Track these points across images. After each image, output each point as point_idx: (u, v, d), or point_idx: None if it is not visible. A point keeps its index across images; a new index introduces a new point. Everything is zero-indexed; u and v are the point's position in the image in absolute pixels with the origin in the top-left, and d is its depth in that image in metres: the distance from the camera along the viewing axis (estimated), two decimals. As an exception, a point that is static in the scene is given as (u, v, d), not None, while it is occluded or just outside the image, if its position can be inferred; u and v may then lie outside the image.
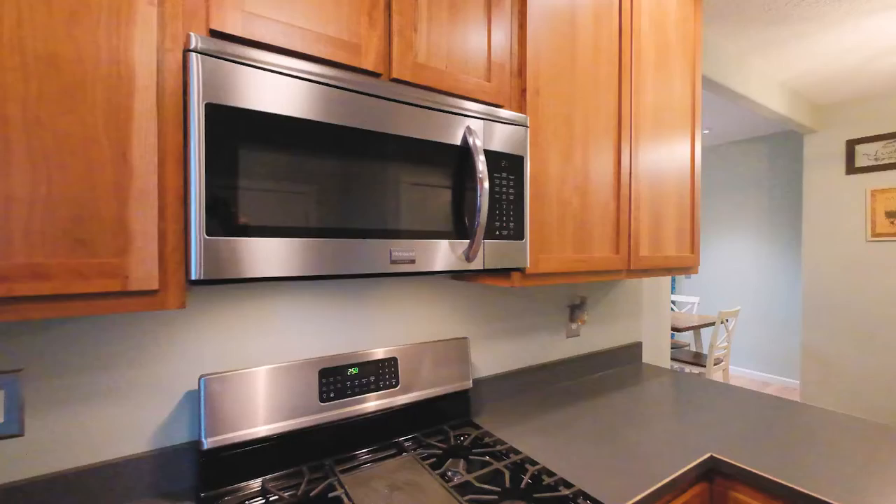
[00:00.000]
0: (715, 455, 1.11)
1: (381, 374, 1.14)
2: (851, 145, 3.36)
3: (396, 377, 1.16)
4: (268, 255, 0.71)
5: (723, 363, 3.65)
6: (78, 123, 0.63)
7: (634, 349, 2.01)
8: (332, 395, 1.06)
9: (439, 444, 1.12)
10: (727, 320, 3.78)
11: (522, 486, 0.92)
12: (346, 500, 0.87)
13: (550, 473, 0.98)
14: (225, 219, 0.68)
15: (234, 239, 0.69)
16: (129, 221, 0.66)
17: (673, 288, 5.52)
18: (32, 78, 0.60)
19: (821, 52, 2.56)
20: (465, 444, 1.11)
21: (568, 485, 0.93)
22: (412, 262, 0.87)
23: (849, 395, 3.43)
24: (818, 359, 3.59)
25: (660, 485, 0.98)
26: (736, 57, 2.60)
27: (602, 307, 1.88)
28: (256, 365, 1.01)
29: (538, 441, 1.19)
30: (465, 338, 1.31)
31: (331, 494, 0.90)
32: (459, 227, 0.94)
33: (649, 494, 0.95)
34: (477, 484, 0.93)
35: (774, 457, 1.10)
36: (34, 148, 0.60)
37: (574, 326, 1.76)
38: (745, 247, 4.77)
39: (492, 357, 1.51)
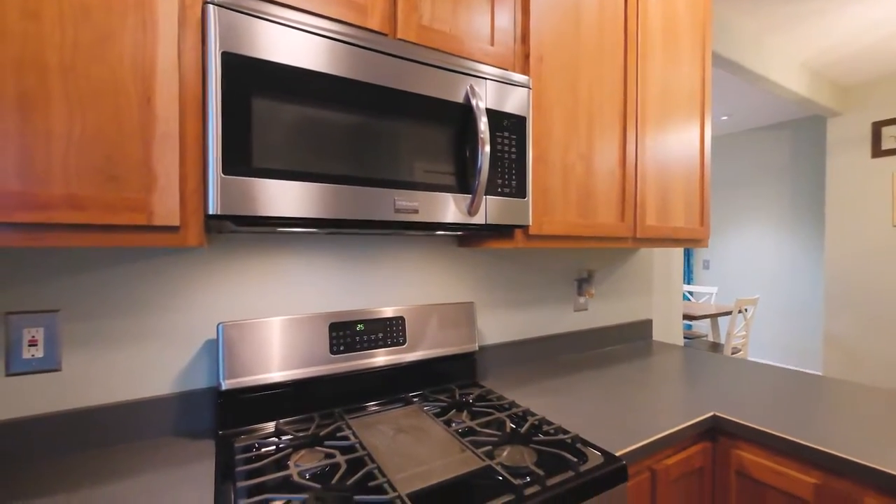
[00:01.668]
0: (717, 414, 1.12)
1: (389, 331, 1.19)
2: (878, 127, 3.25)
3: (404, 335, 1.21)
4: (278, 196, 0.76)
5: (740, 353, 3.58)
6: (108, 71, 0.69)
7: (644, 326, 2.01)
8: (341, 348, 1.11)
9: (445, 399, 1.16)
10: (745, 309, 3.70)
11: (522, 431, 0.95)
12: (352, 438, 0.92)
13: (550, 423, 1.01)
14: (240, 160, 0.73)
15: (249, 179, 0.74)
16: (153, 162, 0.72)
17: (690, 279, 5.42)
18: (68, 27, 0.66)
19: (843, 28, 2.49)
20: (469, 399, 1.15)
21: (566, 432, 0.96)
22: (415, 212, 0.91)
23: (873, 384, 3.32)
24: (841, 348, 3.49)
25: (658, 436, 1.00)
26: (753, 35, 2.55)
27: (611, 282, 1.89)
28: (270, 316, 1.07)
29: (541, 400, 1.22)
30: (471, 302, 1.35)
31: (339, 434, 0.95)
32: (462, 183, 0.98)
33: (647, 444, 0.97)
34: (479, 429, 0.96)
35: (779, 418, 1.10)
36: (70, 92, 0.67)
37: (582, 300, 1.77)
38: (765, 236, 4.65)
39: (498, 326, 1.54)
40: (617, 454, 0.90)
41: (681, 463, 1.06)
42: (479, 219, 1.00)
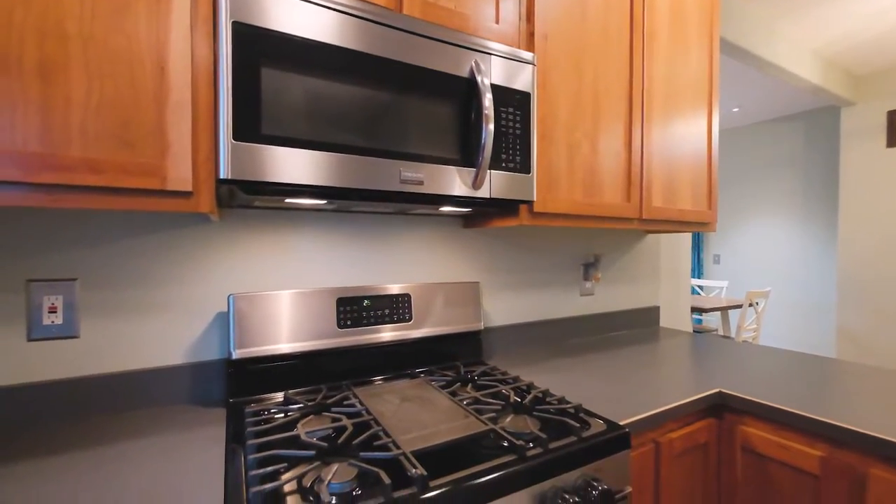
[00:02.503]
0: (723, 390, 1.12)
1: (395, 308, 1.20)
2: (893, 116, 3.19)
3: (410, 312, 1.22)
4: (286, 163, 0.79)
5: (751, 346, 3.54)
6: (124, 40, 0.72)
7: (651, 313, 2.01)
8: (349, 322, 1.13)
9: (450, 374, 1.17)
10: (756, 302, 3.66)
11: (526, 401, 0.96)
12: (359, 405, 0.94)
13: (553, 395, 1.02)
14: (250, 127, 0.75)
15: (258, 146, 0.76)
16: (167, 129, 0.75)
17: (700, 273, 5.36)
18: (87, -3, 0.69)
19: (855, 15, 2.45)
20: (474, 374, 1.16)
21: (569, 402, 0.97)
22: (420, 183, 0.93)
23: (889, 379, 3.26)
24: (855, 342, 3.43)
25: (663, 409, 1.00)
26: (764, 21, 2.52)
27: (618, 268, 1.89)
28: (279, 290, 1.09)
29: (546, 377, 1.23)
30: (476, 282, 1.36)
31: (345, 402, 0.97)
32: (466, 156, 0.99)
33: (651, 416, 0.97)
34: (483, 399, 0.98)
35: (785, 394, 1.10)
36: (89, 60, 0.69)
37: (588, 285, 1.77)
38: (777, 230, 4.59)
39: (503, 308, 1.55)
40: (620, 423, 0.91)
41: (685, 437, 1.06)
42: (483, 192, 1.02)
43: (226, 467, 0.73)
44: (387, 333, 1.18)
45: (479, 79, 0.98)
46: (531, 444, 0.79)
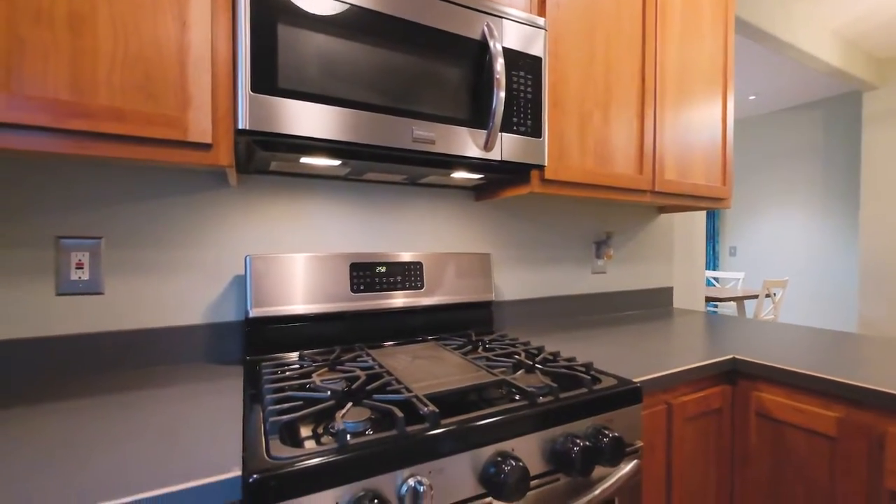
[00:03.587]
0: (737, 357, 1.11)
1: (407, 275, 1.22)
2: (917, 100, 3.10)
3: (422, 280, 1.24)
4: (301, 116, 0.81)
5: (768, 336, 3.48)
6: (148, -4, 0.74)
7: (665, 293, 1.99)
8: (361, 287, 1.15)
9: (461, 340, 1.19)
10: (774, 292, 3.59)
11: (537, 360, 0.97)
12: (371, 361, 0.96)
13: (560, 355, 1.02)
14: (267, 81, 0.78)
15: (275, 98, 0.78)
16: (188, 82, 0.77)
17: (715, 265, 5.28)
18: (113, -47, 0.72)
19: (878, -9, 2.39)
20: (485, 340, 1.17)
21: (576, 360, 0.97)
22: (432, 142, 0.94)
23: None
24: (877, 330, 3.34)
25: (675, 370, 1.00)
26: (780, 0, 2.47)
27: (630, 248, 1.88)
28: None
29: (557, 345, 1.24)
30: (487, 253, 1.37)
31: (359, 359, 0.99)
32: (478, 118, 1.00)
33: (663, 376, 0.97)
34: (494, 358, 0.98)
35: (800, 360, 1.09)
36: (115, 15, 0.72)
37: (600, 263, 1.77)
38: (796, 221, 4.49)
39: (514, 283, 1.55)
40: (632, 380, 0.91)
41: (699, 401, 1.05)
42: (494, 154, 1.03)
43: (244, 407, 0.75)
44: (398, 300, 1.20)
45: (491, 42, 0.99)
46: (542, 394, 0.80)
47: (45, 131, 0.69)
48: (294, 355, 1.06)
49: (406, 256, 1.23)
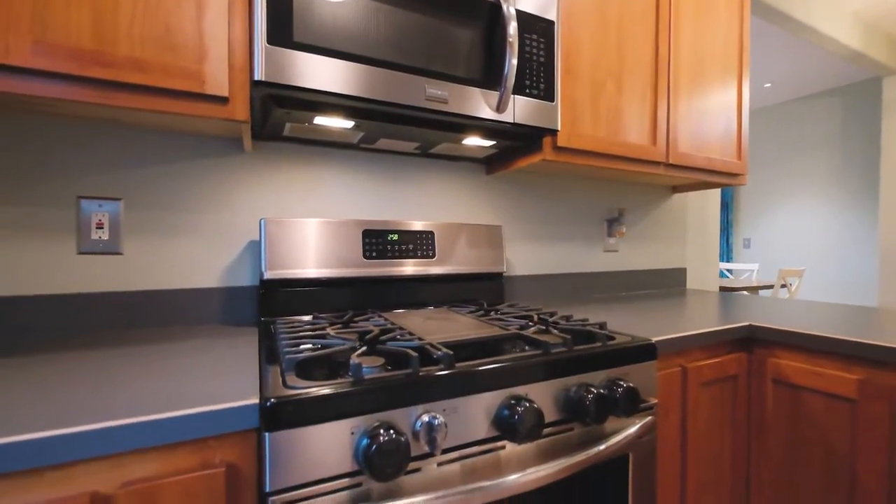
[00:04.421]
0: (753, 323, 1.09)
1: (419, 243, 1.22)
2: (941, 83, 3.02)
3: (433, 249, 1.24)
4: (316, 69, 0.81)
5: (784, 327, 3.41)
6: (167, -51, 0.76)
7: (678, 274, 1.96)
8: (374, 254, 1.16)
9: (474, 306, 1.19)
10: (790, 283, 3.53)
11: (550, 320, 0.97)
12: (384, 320, 0.97)
13: (573, 317, 1.01)
14: (283, 34, 0.78)
15: (290, 51, 0.79)
16: (205, 36, 0.78)
17: (728, 257, 5.20)
18: None
19: (899, -32, 2.33)
20: (497, 308, 1.17)
21: (589, 320, 0.97)
22: (445, 101, 0.94)
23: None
24: (897, 322, 3.26)
25: (690, 333, 0.99)
26: (798, -19, 2.43)
27: (643, 227, 1.86)
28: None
29: (571, 313, 1.23)
30: (499, 225, 1.37)
31: (372, 319, 0.99)
32: (491, 79, 1.00)
33: (678, 338, 0.96)
34: (507, 319, 0.98)
35: (819, 326, 1.07)
36: (134, -32, 0.74)
37: (612, 241, 1.75)
38: (812, 212, 4.40)
39: (525, 258, 1.55)
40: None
41: (714, 366, 1.04)
42: (507, 117, 1.02)
43: (259, 354, 0.76)
44: (410, 268, 1.20)
45: (504, 5, 0.99)
46: (557, 346, 0.79)
47: (69, 79, 0.71)
48: (307, 317, 1.07)
49: (418, 225, 1.23)
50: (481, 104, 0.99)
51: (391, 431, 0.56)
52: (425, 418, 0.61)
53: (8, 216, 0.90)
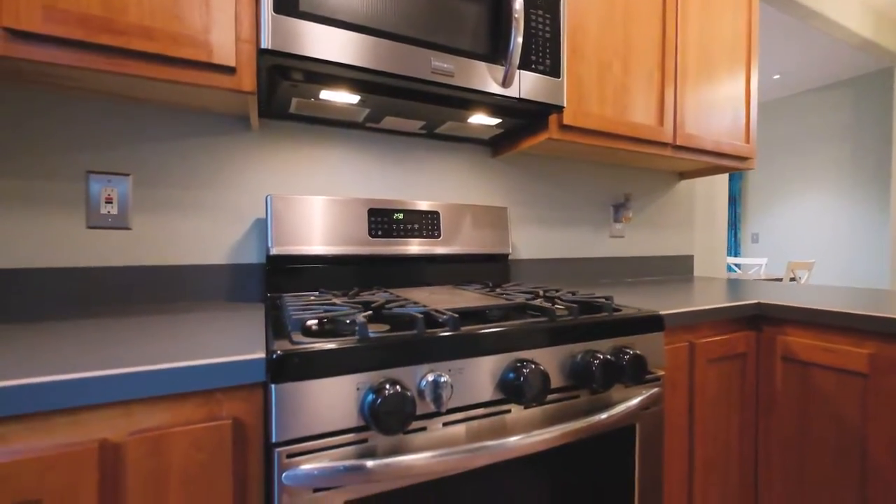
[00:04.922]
0: (762, 301, 1.08)
1: (425, 223, 1.22)
2: (954, 72, 2.97)
3: (439, 229, 1.24)
4: (322, 39, 0.82)
5: (793, 320, 3.37)
6: (174, -81, 0.76)
7: (685, 261, 1.95)
8: (379, 232, 1.16)
9: (479, 284, 1.18)
10: (799, 276, 3.49)
11: (556, 294, 0.96)
12: (389, 294, 0.97)
13: (579, 293, 1.01)
14: (290, 3, 0.79)
15: (297, 20, 0.79)
16: (213, 6, 0.79)
17: (736, 251, 5.15)
18: None
19: (912, -47, 2.30)
20: (504, 286, 1.17)
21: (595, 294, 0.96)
22: (451, 75, 0.94)
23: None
24: (910, 315, 3.21)
25: (698, 308, 0.98)
26: (807, -33, 2.40)
27: (649, 213, 1.84)
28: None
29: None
30: (504, 207, 1.36)
31: (377, 294, 0.99)
32: (496, 53, 1.00)
33: (686, 312, 0.95)
34: (512, 294, 0.98)
35: (827, 302, 1.05)
36: (143, -63, 0.74)
37: (618, 227, 1.74)
38: (821, 205, 4.35)
39: (530, 241, 1.54)
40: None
41: (722, 344, 1.03)
42: (513, 91, 1.02)
43: (266, 321, 0.77)
44: (415, 247, 1.20)
45: (508, -21, 0.98)
46: (562, 314, 0.79)
47: (79, 45, 0.71)
48: (314, 293, 1.08)
49: (423, 205, 1.23)
50: (487, 78, 0.99)
51: (397, 387, 0.56)
52: (430, 377, 0.60)
53: (18, 189, 0.92)
